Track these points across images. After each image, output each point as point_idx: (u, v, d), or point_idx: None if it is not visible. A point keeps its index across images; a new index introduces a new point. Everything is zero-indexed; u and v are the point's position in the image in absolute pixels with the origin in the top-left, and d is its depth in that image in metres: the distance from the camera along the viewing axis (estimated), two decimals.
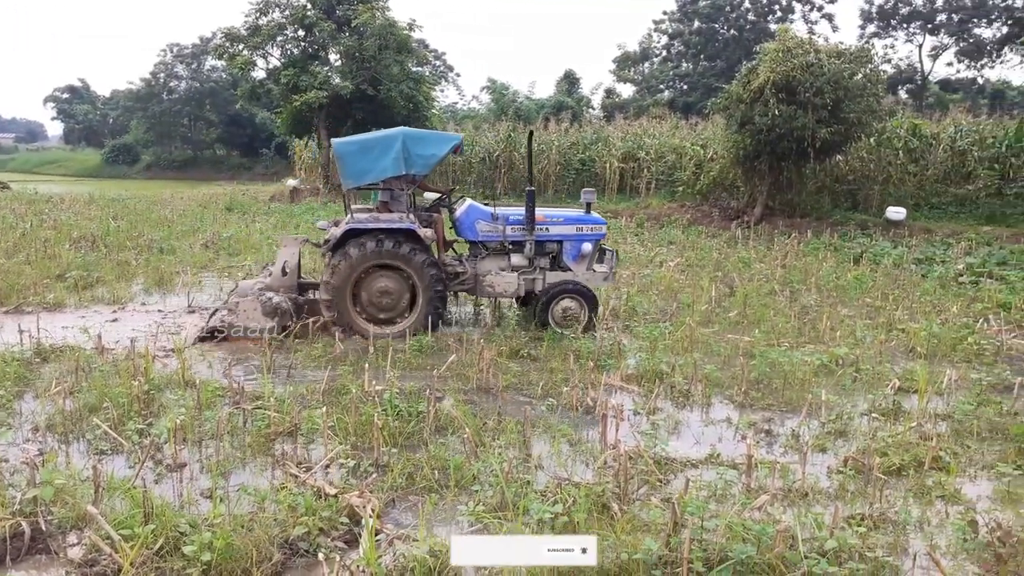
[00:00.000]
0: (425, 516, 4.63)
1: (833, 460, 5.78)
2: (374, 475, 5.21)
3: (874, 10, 47.11)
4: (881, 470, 5.31)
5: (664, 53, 53.97)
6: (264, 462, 5.59)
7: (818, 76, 18.38)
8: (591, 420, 6.47)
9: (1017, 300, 11.06)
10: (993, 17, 43.94)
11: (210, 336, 9.06)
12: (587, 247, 9.82)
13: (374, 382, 6.69)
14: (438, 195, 10.26)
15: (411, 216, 9.24)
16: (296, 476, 5.20)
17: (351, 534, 4.43)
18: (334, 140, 9.51)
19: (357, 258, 8.98)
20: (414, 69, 32.06)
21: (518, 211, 9.86)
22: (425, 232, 9.19)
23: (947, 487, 5.20)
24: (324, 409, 6.01)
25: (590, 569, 3.98)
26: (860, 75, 19.10)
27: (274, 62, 31.91)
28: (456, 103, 56.80)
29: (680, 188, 25.01)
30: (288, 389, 7.02)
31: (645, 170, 27.55)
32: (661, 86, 52.80)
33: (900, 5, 46.28)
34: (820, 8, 49.83)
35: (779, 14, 49.76)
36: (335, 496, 4.73)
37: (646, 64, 54.85)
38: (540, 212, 9.81)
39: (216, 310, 9.60)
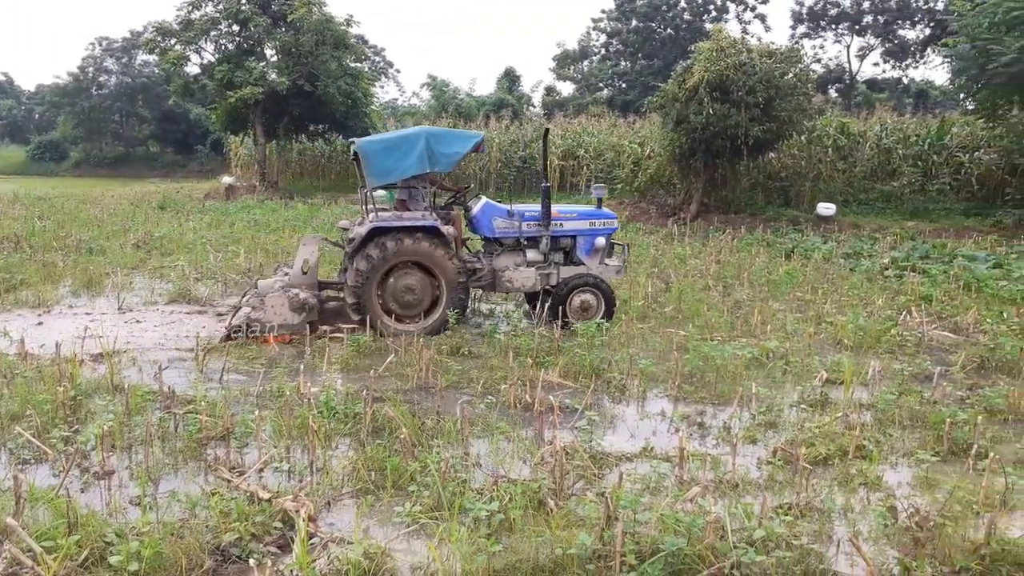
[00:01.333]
0: (361, 518, 4.60)
1: (763, 451, 5.94)
2: (309, 478, 5.16)
3: (804, 11, 48.41)
4: (808, 460, 5.48)
5: (603, 52, 54.50)
6: (196, 467, 5.48)
7: (750, 75, 18.82)
8: (530, 417, 6.52)
9: (938, 293, 11.52)
10: (916, 19, 45.61)
11: (235, 334, 8.93)
12: (600, 241, 10.02)
13: (309, 384, 6.61)
14: (454, 193, 10.36)
15: (434, 214, 9.37)
16: (229, 481, 5.12)
17: (285, 539, 4.38)
18: (359, 140, 9.51)
19: (383, 256, 9.04)
20: (352, 65, 31.68)
21: (533, 208, 10.01)
22: (448, 230, 9.32)
23: (869, 475, 5.39)
24: (258, 412, 5.91)
25: (525, 565, 4.02)
26: (791, 75, 19.63)
27: (208, 57, 31.20)
28: (396, 99, 56.48)
29: (619, 186, 25.31)
30: (221, 392, 6.89)
31: (585, 167, 27.82)
32: (600, 84, 53.30)
33: (829, 7, 47.66)
34: (753, 8, 51.00)
35: (714, 14, 50.73)
36: (268, 500, 4.68)
37: (585, 62, 55.31)
38: (554, 208, 9.95)
39: (238, 307, 9.46)
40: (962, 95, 22.34)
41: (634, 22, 51.06)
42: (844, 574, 4.26)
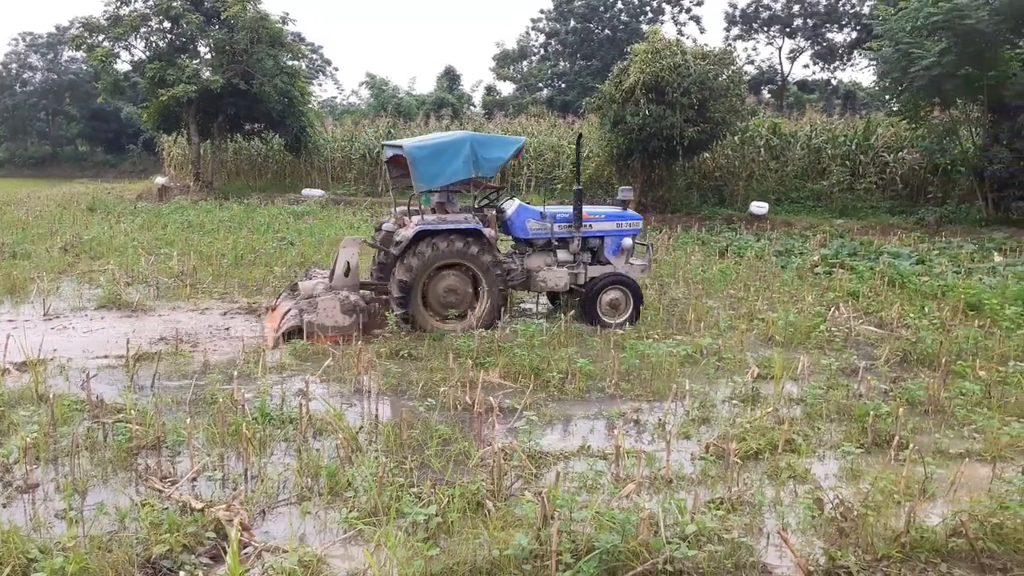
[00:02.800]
0: (296, 525, 4.56)
1: (696, 446, 6.07)
2: (243, 486, 5.08)
3: (737, 14, 49.49)
4: (739, 454, 5.63)
5: (542, 52, 54.75)
6: (126, 478, 5.34)
7: (685, 77, 19.18)
8: (470, 418, 6.53)
9: (865, 289, 11.92)
10: (844, 23, 47.06)
11: (290, 335, 8.97)
12: (627, 242, 10.44)
13: (244, 390, 6.50)
14: (490, 194, 10.50)
15: (476, 217, 9.67)
16: (160, 491, 5.01)
17: (218, 549, 4.31)
18: (406, 144, 9.57)
19: (429, 257, 9.25)
20: (289, 63, 31.17)
21: (564, 210, 10.36)
22: (488, 232, 9.55)
23: (798, 468, 5.57)
24: (190, 420, 5.80)
25: (462, 568, 4.04)
26: (724, 76, 20.06)
27: (138, 54, 30.30)
28: (335, 98, 55.79)
29: (559, 186, 25.49)
30: (152, 400, 6.73)
31: (525, 168, 27.92)
32: (540, 84, 53.55)
33: (761, 10, 48.80)
34: (688, 10, 51.89)
35: (650, 15, 51.45)
36: (201, 510, 4.59)
37: (525, 62, 55.50)
38: (584, 210, 10.23)
39: (288, 310, 9.43)
40: (887, 97, 23.08)
41: (572, 23, 51.43)
42: (773, 566, 4.39)
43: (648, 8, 51.61)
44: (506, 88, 54.46)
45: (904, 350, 8.63)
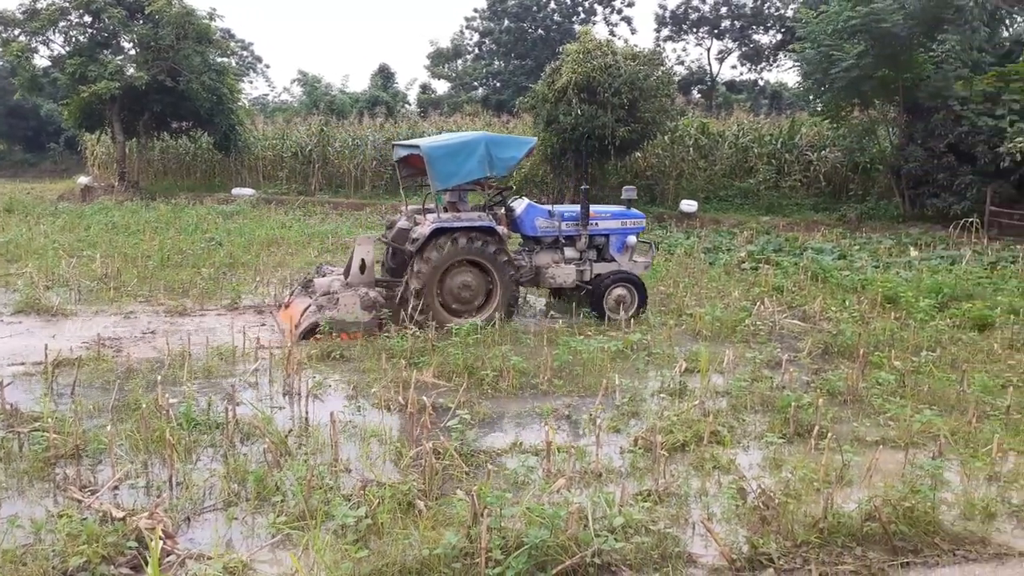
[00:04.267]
0: (222, 532, 4.48)
1: (626, 440, 6.18)
2: (166, 493, 4.97)
3: (667, 15, 50.30)
4: (666, 447, 5.75)
5: (476, 51, 54.72)
6: (43, 489, 5.16)
7: (616, 77, 19.45)
8: (402, 418, 6.51)
9: (789, 283, 12.31)
10: (769, 25, 48.31)
11: (311, 332, 9.04)
12: (632, 239, 10.80)
13: (168, 395, 6.35)
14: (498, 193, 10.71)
15: (489, 215, 9.93)
16: (79, 501, 4.85)
17: (139, 559, 4.20)
18: (423, 144, 9.73)
19: (445, 254, 9.48)
20: (217, 60, 30.44)
21: (571, 208, 10.73)
22: (503, 229, 9.81)
23: (722, 459, 5.72)
24: (111, 427, 5.63)
25: (391, 569, 4.03)
26: (654, 77, 20.41)
27: (58, 49, 29.17)
28: (267, 95, 54.70)
29: (493, 184, 25.52)
30: (72, 408, 6.50)
31: None
32: (475, 83, 53.48)
33: (690, 11, 49.72)
34: (620, 11, 52.52)
35: (582, 16, 51.90)
36: (122, 519, 4.47)
37: (459, 61, 55.38)
38: (591, 209, 10.60)
39: (308, 306, 9.49)
40: (810, 97, 23.85)
41: (506, 22, 51.51)
42: (698, 555, 4.50)
43: (580, 8, 52.05)
44: (441, 87, 54.28)
45: (825, 342, 8.94)
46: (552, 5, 51.33)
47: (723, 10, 49.07)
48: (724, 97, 47.43)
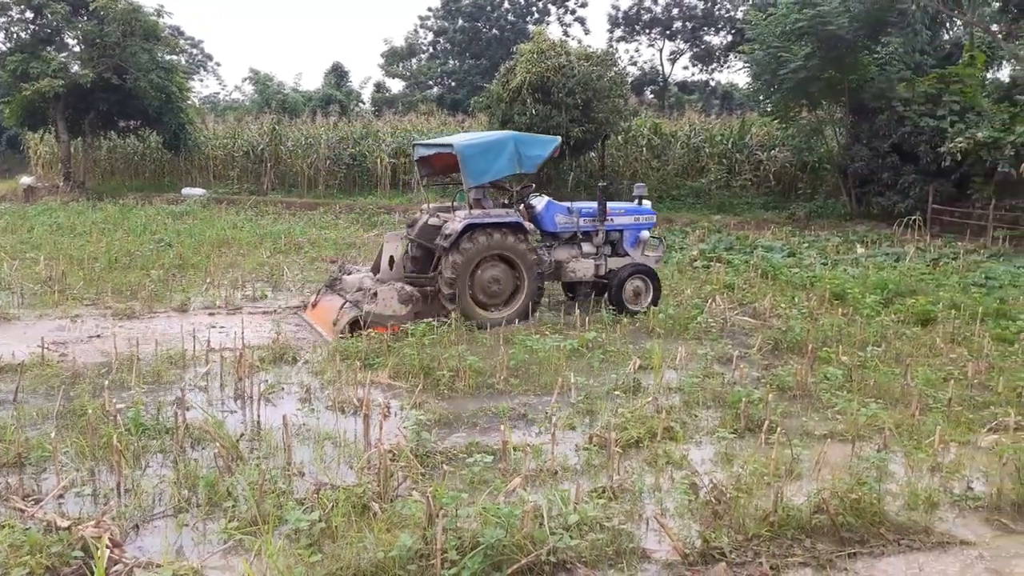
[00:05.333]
0: (171, 539, 4.40)
1: (581, 437, 6.22)
2: (114, 501, 4.86)
3: (620, 16, 50.73)
4: (620, 443, 5.80)
5: (431, 50, 54.52)
6: None
7: (569, 77, 19.57)
8: (357, 421, 6.46)
9: (740, 281, 12.52)
10: (720, 26, 49.04)
11: (354, 327, 9.23)
12: (645, 235, 11.23)
13: (116, 400, 6.20)
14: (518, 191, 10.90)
15: (516, 211, 10.25)
16: (22, 511, 4.72)
17: (85, 568, 4.10)
18: (457, 143, 10.07)
19: (476, 249, 9.75)
20: (166, 58, 29.85)
21: (588, 205, 11.08)
22: (530, 226, 10.17)
23: (675, 454, 5.80)
24: (55, 434, 5.49)
25: (345, 573, 4.00)
26: (607, 77, 20.58)
27: None
28: (218, 94, 53.79)
29: (450, 185, 25.46)
30: (13, 414, 6.32)
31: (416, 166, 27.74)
32: (430, 82, 53.28)
33: (642, 12, 50.21)
34: (573, 12, 52.79)
35: (536, 16, 52.06)
36: (67, 528, 4.35)
37: (414, 60, 55.10)
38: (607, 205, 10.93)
39: (344, 303, 9.65)
40: (760, 98, 24.25)
41: (460, 21, 51.43)
42: (652, 550, 4.55)
43: (534, 8, 52.20)
44: (396, 85, 53.95)
45: (775, 338, 9.11)
46: (506, 5, 51.39)
47: (675, 11, 49.67)
48: (676, 97, 48.02)
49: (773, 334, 9.26)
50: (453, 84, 50.91)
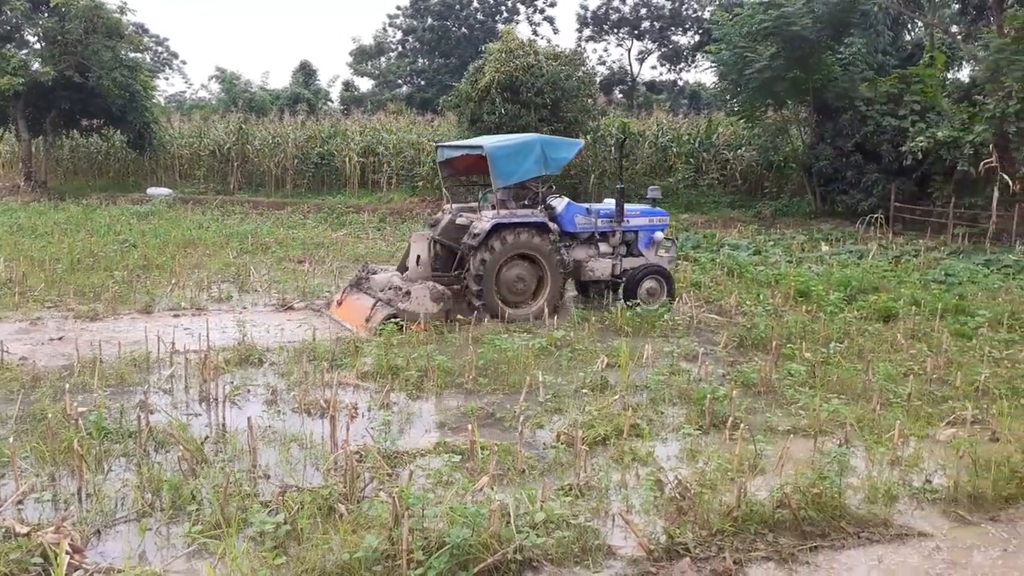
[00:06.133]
0: (134, 544, 4.35)
1: (549, 436, 6.25)
2: (75, 506, 4.79)
3: (589, 15, 50.94)
4: (587, 441, 5.85)
5: (399, 49, 54.31)
6: None
7: (538, 77, 19.63)
8: (325, 422, 6.42)
9: (706, 279, 12.64)
10: (687, 26, 49.49)
11: (389, 321, 9.42)
12: (658, 235, 11.51)
13: (76, 404, 6.11)
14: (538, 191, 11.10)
15: (541, 211, 10.57)
16: None
17: (44, 575, 4.04)
18: (487, 144, 10.35)
19: (503, 249, 10.03)
20: (130, 55, 29.40)
21: (606, 206, 11.38)
22: (554, 226, 10.42)
23: (641, 451, 5.85)
24: (13, 439, 5.39)
25: (310, 575, 3.99)
26: (575, 77, 20.66)
27: None
28: (184, 92, 53.12)
29: (420, 183, 25.42)
30: None
31: (385, 165, 27.63)
32: (399, 81, 53.09)
33: (611, 12, 50.48)
34: (542, 11, 52.92)
35: (505, 15, 52.09)
36: (27, 535, 4.28)
37: (383, 59, 54.86)
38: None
39: (376, 301, 9.97)
40: (727, 97, 24.51)
41: (429, 20, 51.30)
42: (618, 547, 4.59)
43: (503, 8, 52.22)
44: (364, 84, 53.67)
45: (740, 336, 9.23)
46: (475, 4, 51.38)
47: (643, 11, 49.99)
48: (645, 97, 48.32)
49: (738, 331, 9.38)
50: (422, 83, 50.76)
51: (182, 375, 7.51)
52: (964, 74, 27.19)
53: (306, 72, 48.30)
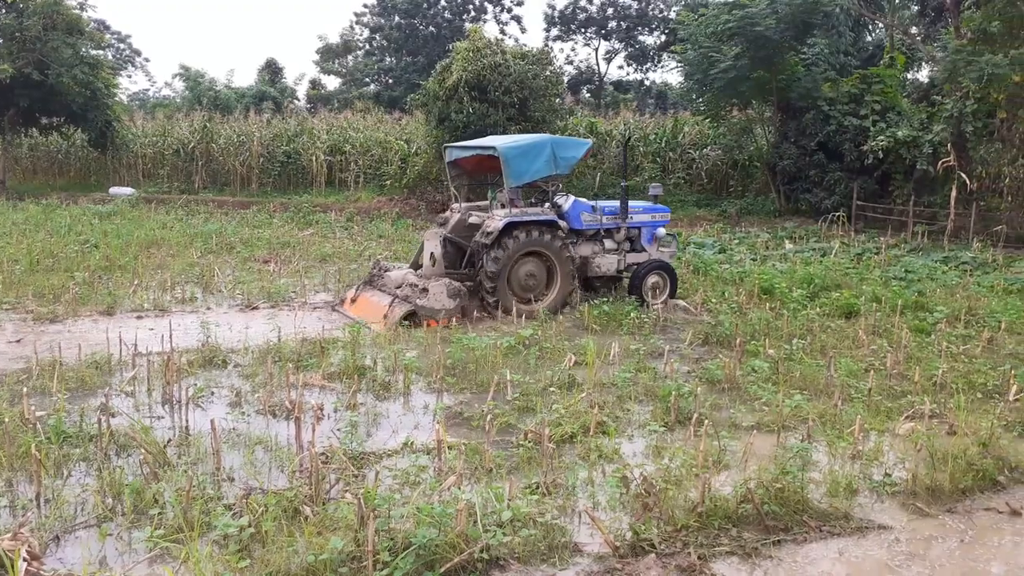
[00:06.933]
0: (94, 549, 4.28)
1: (516, 435, 6.25)
2: (31, 512, 4.70)
3: (556, 15, 51.10)
4: (554, 439, 5.87)
5: (367, 47, 53.98)
6: None
7: (506, 76, 19.63)
8: (290, 423, 6.37)
9: None
10: (654, 26, 49.82)
11: (409, 319, 9.81)
12: (660, 232, 11.84)
13: (34, 407, 5.99)
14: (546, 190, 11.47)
15: (551, 210, 10.86)
16: None
17: None
18: (500, 145, 10.54)
19: (516, 246, 10.25)
20: (91, 52, 28.86)
21: (610, 204, 11.72)
22: (563, 224, 10.68)
23: (607, 448, 5.89)
24: None
25: None
26: (543, 76, 20.70)
27: None
28: (147, 90, 52.34)
29: (387, 182, 25.29)
30: None
31: (353, 164, 27.44)
32: (367, 79, 52.76)
33: (578, 11, 50.65)
34: (510, 10, 52.93)
35: (473, 14, 52.03)
36: None
37: (350, 57, 54.48)
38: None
39: (394, 298, 10.20)
40: (693, 96, 24.72)
41: (396, 18, 51.04)
42: (584, 544, 4.62)
43: (471, 6, 52.14)
44: (332, 82, 53.26)
45: (706, 333, 9.32)
46: (442, 2, 51.22)
47: (609, 11, 50.23)
48: (612, 96, 48.56)
49: (704, 328, 9.47)
50: (390, 81, 50.52)
51: (144, 377, 7.40)
52: (923, 75, 27.75)
53: (272, 70, 47.83)
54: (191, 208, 23.72)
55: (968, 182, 17.64)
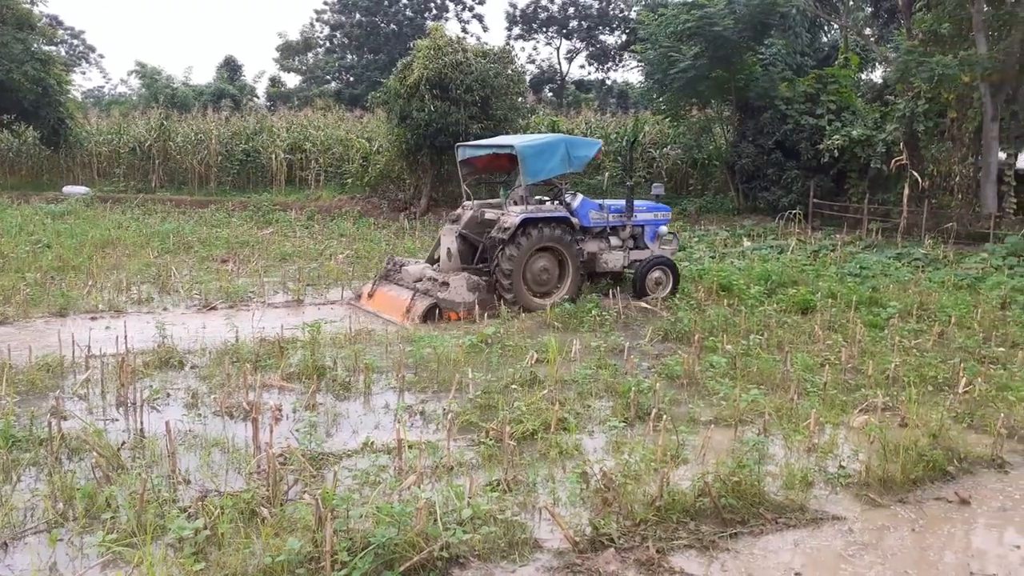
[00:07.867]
0: (44, 555, 4.18)
1: (478, 432, 6.25)
2: None
3: (518, 14, 51.12)
4: (515, 436, 5.88)
5: (327, 44, 53.46)
6: None
7: (467, 74, 19.58)
8: (248, 425, 6.29)
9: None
10: (614, 26, 50.11)
11: (431, 311, 10.15)
12: (662, 229, 12.29)
13: None
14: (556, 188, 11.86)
15: (562, 207, 11.15)
16: None
17: None
18: (517, 144, 10.91)
19: (531, 242, 10.54)
20: (43, 49, 28.18)
21: (616, 203, 12.21)
22: (575, 221, 11.00)
23: (568, 445, 5.91)
24: None
25: None
26: (504, 75, 20.70)
27: None
28: (102, 87, 51.24)
29: (349, 180, 25.08)
30: None
31: (313, 162, 27.15)
32: (328, 77, 52.25)
33: (539, 11, 50.74)
34: (471, 8, 52.82)
35: (434, 12, 51.83)
36: None
37: (310, 54, 53.92)
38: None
39: (415, 292, 10.56)
40: (653, 96, 24.86)
41: (357, 16, 50.63)
42: (544, 540, 4.64)
43: (432, 5, 51.94)
44: (292, 80, 52.65)
45: (665, 329, 9.41)
46: (404, 0, 50.91)
47: (571, 11, 50.40)
48: (574, 96, 48.73)
49: (663, 325, 9.56)
50: (351, 79, 50.10)
51: (98, 380, 7.25)
52: (877, 75, 28.28)
53: (231, 67, 47.14)
54: (148, 207, 23.30)
55: (920, 180, 18.02)
